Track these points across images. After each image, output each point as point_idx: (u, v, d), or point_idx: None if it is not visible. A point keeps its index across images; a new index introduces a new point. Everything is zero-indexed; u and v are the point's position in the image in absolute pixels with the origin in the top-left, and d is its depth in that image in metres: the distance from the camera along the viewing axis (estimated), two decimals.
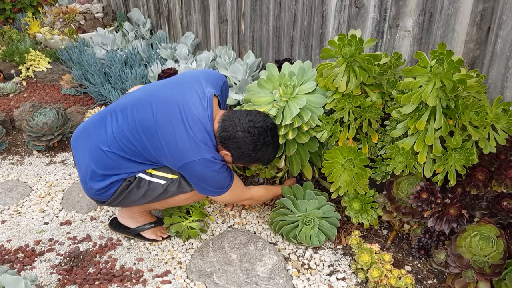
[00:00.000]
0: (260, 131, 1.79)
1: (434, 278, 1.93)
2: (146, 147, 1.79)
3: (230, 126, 1.78)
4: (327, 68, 1.98)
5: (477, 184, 1.79)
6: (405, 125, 1.82)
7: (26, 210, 2.42)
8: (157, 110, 1.79)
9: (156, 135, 1.77)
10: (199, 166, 1.76)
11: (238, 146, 1.78)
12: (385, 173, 2.00)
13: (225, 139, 1.79)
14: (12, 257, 2.04)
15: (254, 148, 1.79)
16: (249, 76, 2.95)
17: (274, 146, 1.88)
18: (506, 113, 1.70)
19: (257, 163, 1.94)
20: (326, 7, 2.43)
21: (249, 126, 1.78)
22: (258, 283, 1.86)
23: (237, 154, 1.81)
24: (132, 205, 1.98)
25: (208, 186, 1.84)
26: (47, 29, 4.47)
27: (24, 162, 2.93)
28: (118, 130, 1.81)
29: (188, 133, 1.75)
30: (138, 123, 1.79)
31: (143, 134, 1.78)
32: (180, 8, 3.77)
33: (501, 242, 1.65)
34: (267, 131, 1.82)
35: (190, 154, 1.75)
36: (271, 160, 1.94)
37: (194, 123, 1.76)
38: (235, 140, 1.78)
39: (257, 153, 1.82)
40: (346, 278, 1.94)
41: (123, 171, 1.85)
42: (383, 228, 2.22)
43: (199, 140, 1.75)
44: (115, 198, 1.88)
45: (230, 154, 1.82)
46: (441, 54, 1.64)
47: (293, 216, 2.11)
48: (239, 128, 1.77)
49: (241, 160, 1.86)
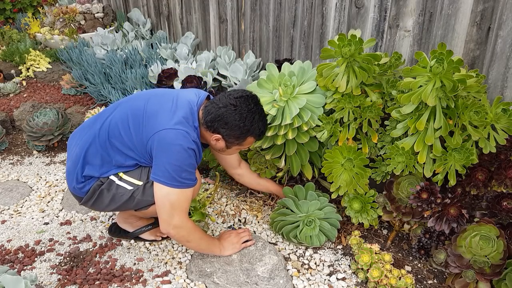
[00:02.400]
0: (241, 100, 1.76)
1: (434, 278, 1.93)
2: (129, 130, 1.78)
3: (212, 108, 1.77)
4: (327, 68, 1.98)
5: (477, 184, 1.79)
6: (405, 125, 1.82)
7: (26, 210, 2.42)
8: (150, 100, 1.82)
9: (142, 116, 1.76)
10: (168, 134, 1.69)
11: (225, 122, 1.74)
12: (385, 173, 2.00)
13: (211, 122, 1.76)
14: (12, 257, 2.04)
15: (240, 118, 1.74)
16: (249, 76, 2.95)
17: (260, 114, 1.81)
18: (506, 113, 1.70)
19: (251, 137, 1.82)
20: (326, 7, 2.43)
21: (229, 100, 1.75)
22: (258, 283, 1.86)
23: (227, 132, 1.76)
24: (106, 209, 1.92)
25: (167, 165, 1.69)
26: (47, 29, 4.47)
27: (24, 162, 2.93)
28: (110, 123, 1.82)
29: (171, 109, 1.75)
30: (130, 111, 1.81)
31: (131, 119, 1.78)
32: (180, 8, 3.77)
33: (501, 242, 1.65)
34: (248, 99, 1.78)
35: (165, 122, 1.71)
36: (262, 131, 1.84)
37: (181, 104, 1.77)
38: (220, 118, 1.74)
39: (245, 123, 1.75)
40: (346, 278, 1.94)
41: (100, 168, 1.83)
42: (383, 228, 2.22)
43: (180, 115, 1.73)
44: (89, 198, 1.86)
45: (221, 136, 1.78)
46: (441, 54, 1.64)
47: (294, 216, 2.11)
48: (220, 105, 1.75)
49: (233, 137, 1.78)
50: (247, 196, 2.49)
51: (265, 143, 2.14)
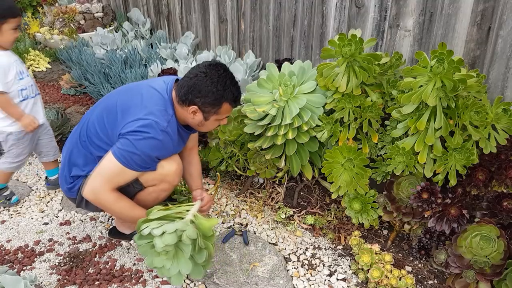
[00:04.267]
0: (210, 68, 1.77)
1: (435, 278, 1.93)
2: (105, 127, 1.80)
3: (183, 82, 1.79)
4: (327, 68, 1.98)
5: (477, 184, 1.78)
6: (405, 125, 1.81)
7: (26, 211, 2.41)
8: (120, 96, 1.85)
9: (115, 112, 1.78)
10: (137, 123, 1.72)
11: (198, 90, 1.74)
12: (385, 173, 2.00)
13: (185, 95, 1.76)
14: (12, 257, 2.03)
15: (212, 83, 1.74)
16: (249, 76, 2.95)
17: (231, 79, 1.80)
18: (506, 113, 1.70)
19: (226, 103, 1.79)
20: (326, 6, 2.43)
21: (197, 69, 1.78)
22: (258, 283, 1.86)
23: (202, 100, 1.75)
24: (99, 208, 1.93)
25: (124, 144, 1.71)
26: (46, 29, 4.46)
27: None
28: (89, 123, 1.87)
29: (141, 102, 1.77)
30: (104, 109, 1.84)
31: (106, 116, 1.81)
32: (180, 7, 3.77)
33: (502, 242, 1.65)
34: (217, 66, 1.79)
35: (136, 115, 1.73)
36: (236, 96, 1.81)
37: (149, 95, 1.79)
38: (193, 88, 1.74)
39: (218, 87, 1.74)
40: (346, 279, 1.94)
41: (84, 166, 1.86)
42: (383, 228, 2.22)
43: (149, 106, 1.75)
44: (81, 197, 1.88)
45: (197, 107, 1.77)
46: (441, 54, 1.64)
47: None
48: (191, 76, 1.77)
49: (209, 105, 1.77)
50: (247, 196, 2.49)
51: (265, 143, 2.13)
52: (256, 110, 2.09)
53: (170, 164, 1.83)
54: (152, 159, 1.77)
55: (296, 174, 2.26)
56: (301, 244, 2.13)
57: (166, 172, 1.83)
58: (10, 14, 2.25)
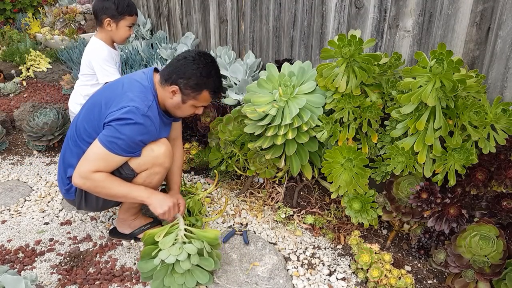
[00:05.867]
0: (199, 55, 1.85)
1: (434, 278, 1.93)
2: (91, 121, 1.84)
3: (170, 63, 1.87)
4: (327, 68, 1.98)
5: (476, 184, 1.79)
6: (404, 125, 1.82)
7: (27, 210, 2.42)
8: (105, 92, 1.90)
9: (100, 105, 1.83)
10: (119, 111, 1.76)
11: (183, 72, 1.81)
12: (385, 173, 2.00)
13: (169, 74, 1.83)
14: (13, 257, 2.04)
15: (197, 67, 1.81)
16: (249, 76, 2.95)
17: (216, 70, 1.87)
18: (505, 113, 1.70)
19: (206, 91, 1.85)
20: (326, 7, 2.43)
21: (187, 53, 1.86)
22: (258, 283, 1.87)
23: (184, 82, 1.82)
24: (99, 205, 1.97)
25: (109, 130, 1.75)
26: (47, 29, 4.47)
27: (25, 162, 2.93)
28: (77, 122, 1.91)
29: (121, 92, 1.82)
30: (89, 106, 1.90)
31: (92, 110, 1.86)
32: (180, 8, 3.78)
33: (501, 242, 1.65)
34: (205, 55, 1.87)
35: (118, 104, 1.77)
36: (218, 86, 1.89)
37: (129, 85, 1.85)
38: (178, 69, 1.82)
39: (202, 73, 1.82)
40: (346, 278, 1.94)
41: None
42: (383, 228, 2.23)
43: (130, 94, 1.79)
44: (80, 197, 1.92)
45: (178, 88, 1.83)
46: (440, 54, 1.64)
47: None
48: (179, 58, 1.85)
49: (190, 88, 1.83)
50: (247, 196, 2.49)
51: (265, 143, 2.14)
52: (256, 110, 2.09)
53: (158, 146, 1.86)
54: (137, 143, 1.79)
55: (296, 174, 2.26)
56: (301, 244, 2.14)
57: (156, 154, 1.86)
58: (128, 11, 2.46)
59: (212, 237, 1.83)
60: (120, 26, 2.48)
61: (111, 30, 2.49)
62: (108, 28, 2.48)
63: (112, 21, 2.46)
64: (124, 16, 2.46)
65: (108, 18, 2.46)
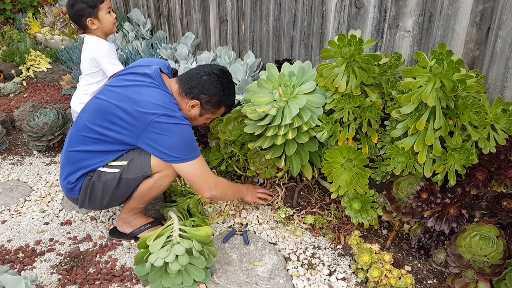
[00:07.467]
0: (222, 72, 1.95)
1: (434, 278, 1.93)
2: (104, 126, 1.84)
3: (193, 75, 1.91)
4: (327, 68, 1.98)
5: (476, 184, 1.79)
6: (404, 125, 1.82)
7: (27, 210, 2.42)
8: (111, 94, 1.88)
9: (115, 110, 1.81)
10: (163, 120, 1.75)
11: (207, 88, 1.89)
12: (385, 173, 2.00)
13: (192, 88, 1.89)
14: (13, 257, 2.04)
15: (221, 86, 1.91)
16: (249, 76, 2.95)
17: (234, 88, 2.02)
18: (505, 113, 1.70)
19: (223, 107, 2.00)
20: (326, 7, 2.43)
21: (211, 70, 1.92)
22: (258, 283, 1.87)
23: (207, 98, 1.90)
24: (102, 204, 1.97)
25: (174, 146, 1.78)
26: (47, 29, 4.47)
27: (25, 162, 2.93)
28: (79, 126, 1.91)
29: (145, 97, 1.81)
30: (98, 109, 1.87)
31: (101, 116, 1.84)
32: (180, 8, 3.78)
33: (501, 242, 1.65)
34: (227, 72, 1.99)
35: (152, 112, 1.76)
36: (233, 104, 2.06)
37: (149, 91, 1.84)
38: (202, 85, 1.89)
39: (225, 91, 1.93)
40: (346, 278, 1.94)
41: (85, 166, 1.90)
42: (383, 228, 2.23)
43: (158, 100, 1.80)
44: (83, 195, 1.93)
45: (199, 103, 1.90)
46: (440, 54, 1.64)
47: None
48: (202, 73, 1.91)
49: (211, 104, 1.93)
50: None
51: (265, 143, 2.14)
52: (256, 110, 2.09)
53: None
54: (193, 140, 1.88)
55: (296, 174, 2.26)
56: (301, 244, 2.14)
57: None
58: (98, 0, 2.45)
59: (203, 235, 1.83)
60: (101, 18, 2.48)
61: (97, 26, 2.50)
62: (93, 27, 2.50)
63: (92, 19, 2.47)
64: (98, 6, 2.45)
65: (87, 18, 2.46)
